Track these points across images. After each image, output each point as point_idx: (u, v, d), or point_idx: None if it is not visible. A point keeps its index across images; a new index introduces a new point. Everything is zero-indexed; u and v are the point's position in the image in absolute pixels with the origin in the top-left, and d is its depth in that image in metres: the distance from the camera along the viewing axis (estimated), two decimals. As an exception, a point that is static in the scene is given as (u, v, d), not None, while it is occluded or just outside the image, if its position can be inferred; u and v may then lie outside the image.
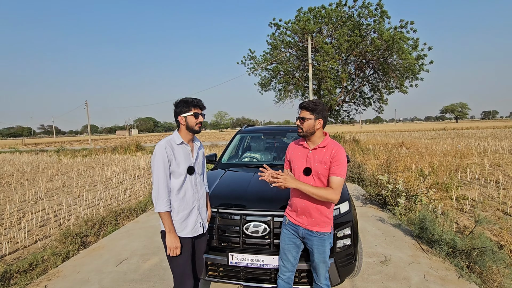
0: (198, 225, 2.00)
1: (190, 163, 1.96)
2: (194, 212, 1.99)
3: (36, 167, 14.12)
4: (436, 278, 2.88)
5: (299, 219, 1.99)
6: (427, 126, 65.79)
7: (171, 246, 1.85)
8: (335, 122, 21.76)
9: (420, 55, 15.46)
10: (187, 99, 1.94)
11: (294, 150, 2.09)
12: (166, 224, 1.86)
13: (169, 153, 1.87)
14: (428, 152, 12.55)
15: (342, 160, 1.86)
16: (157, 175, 1.84)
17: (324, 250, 1.97)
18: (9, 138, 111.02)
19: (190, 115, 1.91)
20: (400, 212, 4.67)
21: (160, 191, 1.84)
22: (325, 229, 1.95)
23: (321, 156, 1.92)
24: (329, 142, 1.97)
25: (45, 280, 3.13)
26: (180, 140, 1.95)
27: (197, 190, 2.02)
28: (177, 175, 1.90)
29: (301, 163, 2.00)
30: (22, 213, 6.03)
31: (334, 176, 1.84)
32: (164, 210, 1.84)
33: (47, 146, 37.62)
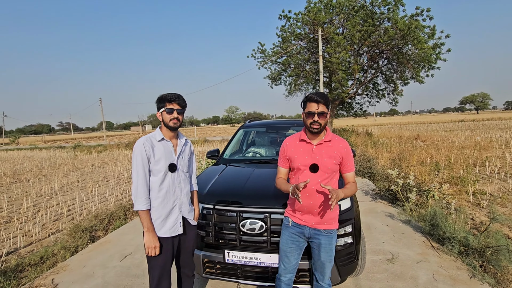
0: (178, 225, 1.94)
1: (171, 161, 1.90)
2: (175, 211, 1.93)
3: (53, 163, 14.64)
4: (446, 277, 2.74)
5: (305, 218, 1.90)
6: (445, 117, 63.42)
7: (149, 245, 1.80)
8: (347, 115, 21.32)
9: (437, 44, 14.78)
10: (163, 94, 1.88)
11: (295, 146, 1.95)
12: (145, 223, 1.81)
13: (147, 150, 1.82)
14: (444, 145, 12.09)
15: (351, 154, 1.91)
16: (136, 173, 1.80)
17: (331, 248, 1.91)
18: (30, 135, 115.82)
19: (163, 111, 1.86)
20: (410, 208, 4.50)
21: (138, 189, 1.80)
22: (332, 226, 1.90)
23: (329, 151, 1.86)
24: (333, 136, 1.92)
25: (52, 273, 3.21)
26: (160, 136, 1.89)
27: (179, 189, 1.95)
28: (156, 172, 1.85)
29: (305, 160, 1.87)
30: (38, 207, 6.25)
31: (350, 172, 1.91)
32: (142, 208, 1.79)
33: (65, 143, 38.98)
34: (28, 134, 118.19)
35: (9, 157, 19.25)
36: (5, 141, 51.26)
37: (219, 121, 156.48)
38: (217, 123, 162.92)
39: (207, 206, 2.36)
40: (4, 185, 9.08)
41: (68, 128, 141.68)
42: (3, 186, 8.99)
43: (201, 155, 14.37)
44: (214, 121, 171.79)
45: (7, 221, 5.39)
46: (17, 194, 7.69)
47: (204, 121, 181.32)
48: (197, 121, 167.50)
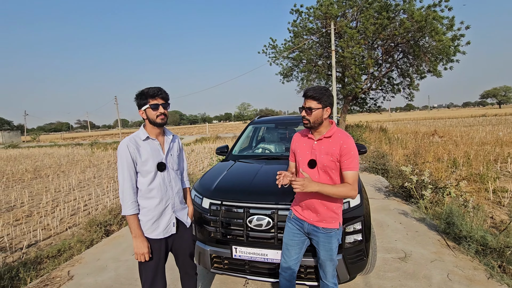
0: (171, 225, 1.87)
1: (160, 159, 1.81)
2: (167, 211, 1.85)
3: (71, 159, 15.16)
4: (461, 277, 2.64)
5: (304, 214, 1.88)
6: (465, 112, 60.95)
7: (138, 252, 1.72)
8: (361, 110, 20.88)
9: (456, 35, 14.15)
10: (143, 90, 1.75)
11: (299, 141, 1.96)
12: (132, 228, 1.72)
13: (132, 151, 1.72)
14: (463, 140, 11.64)
15: (353, 152, 1.72)
16: (121, 176, 1.71)
17: (330, 247, 1.84)
18: (50, 133, 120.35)
19: (148, 108, 1.74)
20: (425, 206, 4.36)
21: (125, 193, 1.71)
22: (332, 225, 1.82)
23: (328, 147, 1.78)
24: (335, 132, 1.81)
25: (68, 265, 3.33)
26: (145, 135, 1.79)
27: (171, 188, 1.87)
28: (145, 173, 1.76)
29: (305, 155, 1.87)
30: (56, 202, 6.50)
31: (348, 171, 1.72)
32: (129, 213, 1.70)
33: (82, 140, 40.28)
34: (48, 132, 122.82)
35: (31, 154, 20.08)
36: (27, 139, 53.57)
37: (231, 118, 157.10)
38: (229, 120, 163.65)
39: (215, 202, 2.36)
40: (26, 181, 9.48)
41: (85, 125, 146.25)
42: (25, 181, 9.39)
43: (212, 151, 14.49)
44: (226, 118, 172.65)
45: (28, 215, 5.63)
46: (37, 189, 8.02)
47: (216, 118, 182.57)
48: (209, 118, 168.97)
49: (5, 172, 11.51)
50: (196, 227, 2.47)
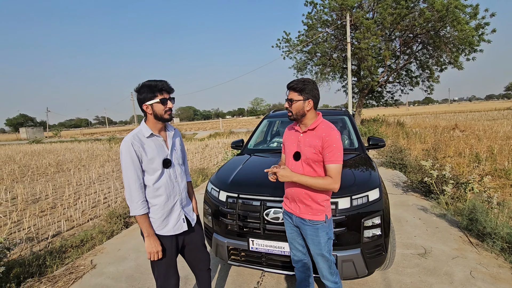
0: (182, 221, 1.82)
1: (165, 156, 1.75)
2: (176, 208, 1.80)
3: (91, 154, 15.69)
4: (485, 275, 2.55)
5: (291, 207, 1.87)
6: (488, 105, 58.13)
7: (151, 251, 1.69)
8: (377, 104, 20.35)
9: (480, 24, 13.43)
10: (150, 82, 1.67)
11: (288, 133, 1.95)
12: (144, 228, 1.68)
13: (137, 149, 1.64)
14: (486, 135, 11.14)
15: (335, 145, 1.68)
16: (126, 176, 1.63)
17: (319, 241, 1.78)
18: (71, 128, 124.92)
19: (156, 102, 1.66)
20: (446, 201, 4.22)
21: (132, 194, 1.64)
22: (318, 217, 1.77)
23: (311, 139, 1.75)
24: (319, 124, 1.77)
25: (91, 255, 3.47)
26: (149, 132, 1.70)
27: (177, 184, 1.82)
28: (152, 171, 1.69)
29: (292, 147, 1.86)
30: (78, 195, 6.76)
31: (330, 164, 1.68)
32: (139, 213, 1.65)
33: (101, 135, 41.53)
34: (69, 128, 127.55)
35: (53, 149, 20.93)
36: (49, 134, 55.83)
37: (244, 113, 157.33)
38: (242, 115, 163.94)
39: (232, 195, 2.38)
40: (49, 174, 9.91)
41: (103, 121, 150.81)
42: (48, 175, 9.82)
43: (226, 146, 14.59)
44: (239, 113, 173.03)
45: (52, 207, 5.90)
46: (60, 182, 8.37)
47: (229, 113, 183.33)
48: (222, 114, 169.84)
49: (30, 166, 12.07)
50: (213, 220, 2.51)
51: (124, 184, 1.68)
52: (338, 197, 2.14)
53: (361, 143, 3.37)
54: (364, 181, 2.32)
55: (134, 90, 1.71)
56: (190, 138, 22.21)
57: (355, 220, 2.10)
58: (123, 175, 1.65)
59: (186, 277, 2.75)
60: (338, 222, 2.10)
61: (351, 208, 2.12)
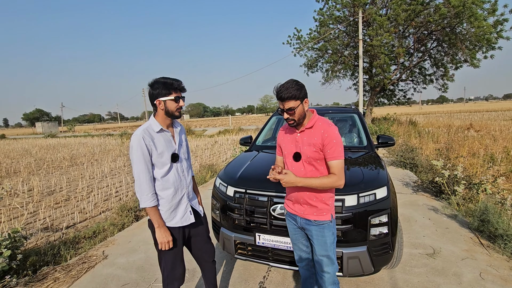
0: (188, 214, 1.88)
1: (173, 150, 1.80)
2: (184, 200, 1.86)
3: (103, 149, 16.05)
4: (495, 277, 2.51)
5: (295, 208, 1.83)
6: (506, 105, 56.19)
7: (162, 241, 1.74)
8: (389, 103, 19.99)
9: (498, 20, 12.96)
10: (166, 80, 1.70)
11: (284, 134, 1.89)
12: (155, 219, 1.73)
13: (148, 143, 1.68)
14: (503, 135, 10.81)
15: (335, 140, 1.65)
16: (137, 170, 1.68)
17: (325, 241, 1.74)
18: (84, 124, 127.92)
19: (170, 100, 1.70)
20: (457, 202, 4.14)
21: (142, 186, 1.69)
22: (323, 217, 1.74)
23: (309, 137, 1.72)
24: (316, 121, 1.74)
25: (103, 246, 3.58)
26: (158, 127, 1.74)
27: (184, 178, 1.88)
28: (161, 165, 1.75)
29: (290, 148, 1.81)
30: (91, 188, 6.95)
31: (332, 160, 1.64)
32: (149, 205, 1.70)
33: (113, 131, 42.36)
34: (82, 123, 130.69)
35: (67, 143, 21.52)
36: (63, 129, 57.39)
37: (253, 110, 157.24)
38: (251, 112, 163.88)
39: (239, 190, 2.42)
40: (64, 168, 10.21)
41: (115, 117, 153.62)
42: (63, 168, 10.12)
43: (235, 143, 14.66)
44: (248, 110, 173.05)
45: (66, 199, 6.09)
46: (74, 176, 8.62)
47: (239, 110, 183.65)
48: (232, 111, 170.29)
49: (46, 159, 12.46)
50: (220, 214, 2.55)
51: (134, 177, 1.72)
52: (345, 194, 2.14)
53: (370, 141, 3.35)
54: (372, 179, 2.31)
55: (148, 84, 1.74)
56: (200, 135, 22.42)
57: (362, 218, 2.10)
58: (133, 168, 1.70)
59: (194, 270, 2.81)
60: (345, 219, 2.11)
61: (358, 206, 2.12)
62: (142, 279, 2.78)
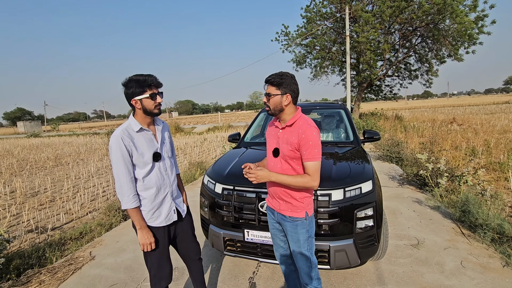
0: (172, 212, 1.86)
1: (155, 149, 1.76)
2: (167, 199, 1.84)
3: (89, 148, 15.69)
4: (475, 265, 2.62)
5: (272, 203, 1.86)
6: (487, 99, 58.16)
7: (144, 242, 1.72)
8: (376, 98, 20.33)
9: (479, 16, 13.34)
10: (139, 77, 1.64)
11: (269, 130, 1.91)
12: (136, 220, 1.70)
13: (127, 143, 1.64)
14: (484, 128, 11.22)
15: (312, 142, 1.63)
16: (117, 171, 1.64)
17: (298, 238, 1.74)
18: (69, 122, 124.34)
19: (145, 98, 1.65)
20: (440, 194, 4.28)
21: (123, 188, 1.65)
22: (297, 214, 1.74)
23: (288, 136, 1.71)
24: (297, 120, 1.71)
25: (90, 247, 3.52)
26: (138, 126, 1.70)
27: (167, 176, 1.84)
28: (142, 165, 1.71)
29: (272, 143, 1.83)
30: (77, 188, 6.80)
31: (307, 162, 1.64)
32: (130, 207, 1.67)
33: (99, 129, 41.38)
34: (67, 122, 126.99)
35: (51, 142, 20.91)
36: (47, 128, 55.63)
37: (243, 107, 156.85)
38: (241, 109, 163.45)
39: (227, 187, 2.42)
40: (48, 168, 9.93)
41: (101, 115, 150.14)
42: (47, 169, 9.84)
43: (225, 140, 14.61)
44: (238, 107, 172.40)
45: (51, 200, 5.94)
46: (59, 176, 8.40)
47: (228, 107, 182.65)
48: (221, 107, 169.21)
49: (29, 160, 12.08)
50: (209, 212, 2.55)
51: (114, 179, 1.69)
52: (332, 189, 2.18)
53: (356, 136, 3.40)
54: (358, 174, 2.36)
55: (121, 84, 1.68)
56: (189, 132, 22.19)
57: (348, 211, 2.15)
58: (113, 170, 1.67)
59: (183, 268, 2.81)
60: (331, 213, 2.15)
61: (344, 200, 2.16)
62: (130, 279, 2.75)
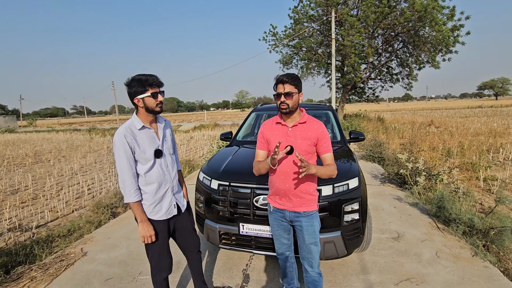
0: (173, 207, 1.95)
1: (156, 146, 1.84)
2: (168, 195, 1.92)
3: (71, 145, 15.21)
4: (448, 255, 2.87)
5: (283, 202, 1.92)
6: (462, 103, 61.33)
7: (145, 235, 1.81)
8: (359, 100, 20.97)
9: (456, 26, 14.13)
10: (140, 77, 1.73)
11: (271, 129, 1.95)
12: (137, 214, 1.79)
13: (130, 141, 1.73)
14: (458, 131, 11.88)
15: (328, 135, 1.89)
16: (120, 167, 1.73)
17: (314, 230, 1.89)
18: (46, 118, 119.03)
19: (147, 96, 1.73)
20: (418, 191, 4.58)
21: (126, 182, 1.74)
22: (311, 207, 1.88)
23: (304, 132, 1.85)
24: (308, 118, 1.92)
25: (81, 243, 3.51)
26: (140, 124, 1.78)
27: (168, 172, 1.93)
28: (144, 161, 1.79)
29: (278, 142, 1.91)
30: (60, 186, 6.64)
31: (327, 153, 1.87)
32: (132, 200, 1.76)
33: (80, 126, 40.06)
34: (44, 117, 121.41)
35: (29, 138, 20.05)
36: (23, 124, 53.04)
37: (229, 106, 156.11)
38: (227, 107, 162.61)
39: (223, 183, 2.53)
40: (27, 165, 9.59)
41: (81, 111, 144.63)
42: (26, 166, 9.50)
43: (211, 139, 14.61)
44: (224, 105, 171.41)
45: (33, 198, 5.79)
46: (40, 173, 8.14)
47: (214, 105, 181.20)
48: (207, 106, 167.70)
49: (5, 156, 11.57)
50: (205, 207, 2.65)
51: (117, 174, 1.77)
52: (322, 185, 2.34)
53: (343, 136, 3.60)
54: (345, 171, 2.53)
55: (124, 84, 1.77)
56: (175, 130, 21.96)
57: (336, 206, 2.32)
58: (116, 165, 1.76)
59: (178, 262, 2.88)
60: (321, 207, 2.30)
61: (333, 195, 2.33)
62: (126, 273, 2.80)
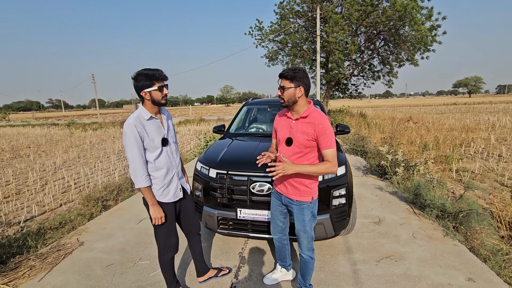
0: (179, 190, 2.13)
1: (163, 135, 2.00)
2: (174, 179, 2.09)
3: (50, 139, 14.70)
4: (423, 236, 3.19)
5: (281, 188, 2.06)
6: (438, 100, 64.17)
7: (156, 216, 1.96)
8: (342, 96, 21.54)
9: (433, 26, 14.83)
10: (147, 71, 1.86)
11: (280, 120, 2.08)
12: (148, 198, 1.93)
13: (140, 130, 1.86)
14: (435, 126, 12.57)
15: (329, 131, 1.83)
16: (131, 155, 1.86)
17: (303, 219, 1.97)
18: (20, 112, 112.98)
19: (154, 90, 1.88)
20: (397, 181, 4.94)
21: (137, 169, 1.88)
22: (304, 198, 1.95)
23: (304, 126, 1.88)
24: (311, 112, 1.90)
25: (76, 234, 3.56)
26: (148, 115, 1.92)
27: (174, 159, 2.10)
28: (153, 149, 1.94)
29: (284, 133, 1.99)
30: (44, 180, 6.52)
31: (326, 150, 1.83)
32: (143, 186, 1.89)
33: (57, 120, 38.44)
34: (17, 111, 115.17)
35: (3, 133, 19.12)
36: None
37: (213, 101, 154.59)
38: (211, 102, 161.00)
39: (221, 172, 2.68)
40: (5, 160, 9.25)
41: (58, 105, 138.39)
42: (4, 161, 9.17)
43: (197, 133, 14.59)
44: (208, 100, 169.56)
45: (16, 193, 5.67)
46: (20, 168, 7.91)
47: (198, 100, 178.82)
48: (191, 100, 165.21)
49: (-20, 151, 11.06)
50: (203, 195, 2.79)
51: (128, 162, 1.91)
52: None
53: (330, 129, 3.83)
54: (334, 160, 2.75)
55: (131, 77, 1.90)
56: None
57: (326, 191, 2.54)
58: (127, 154, 1.89)
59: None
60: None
61: (323, 181, 2.55)
62: (126, 259, 2.91)
